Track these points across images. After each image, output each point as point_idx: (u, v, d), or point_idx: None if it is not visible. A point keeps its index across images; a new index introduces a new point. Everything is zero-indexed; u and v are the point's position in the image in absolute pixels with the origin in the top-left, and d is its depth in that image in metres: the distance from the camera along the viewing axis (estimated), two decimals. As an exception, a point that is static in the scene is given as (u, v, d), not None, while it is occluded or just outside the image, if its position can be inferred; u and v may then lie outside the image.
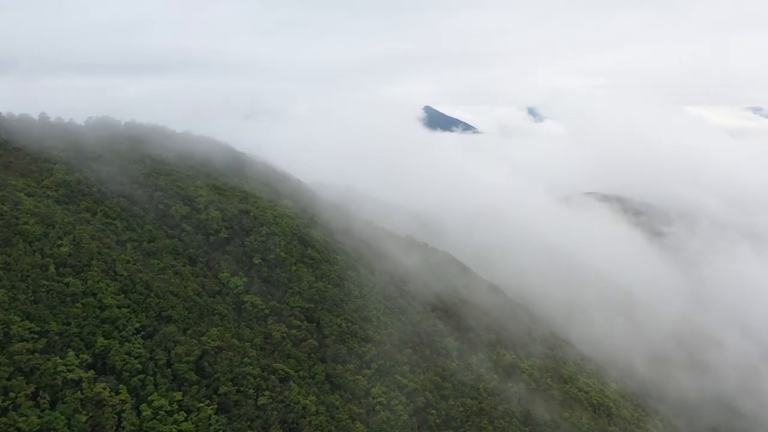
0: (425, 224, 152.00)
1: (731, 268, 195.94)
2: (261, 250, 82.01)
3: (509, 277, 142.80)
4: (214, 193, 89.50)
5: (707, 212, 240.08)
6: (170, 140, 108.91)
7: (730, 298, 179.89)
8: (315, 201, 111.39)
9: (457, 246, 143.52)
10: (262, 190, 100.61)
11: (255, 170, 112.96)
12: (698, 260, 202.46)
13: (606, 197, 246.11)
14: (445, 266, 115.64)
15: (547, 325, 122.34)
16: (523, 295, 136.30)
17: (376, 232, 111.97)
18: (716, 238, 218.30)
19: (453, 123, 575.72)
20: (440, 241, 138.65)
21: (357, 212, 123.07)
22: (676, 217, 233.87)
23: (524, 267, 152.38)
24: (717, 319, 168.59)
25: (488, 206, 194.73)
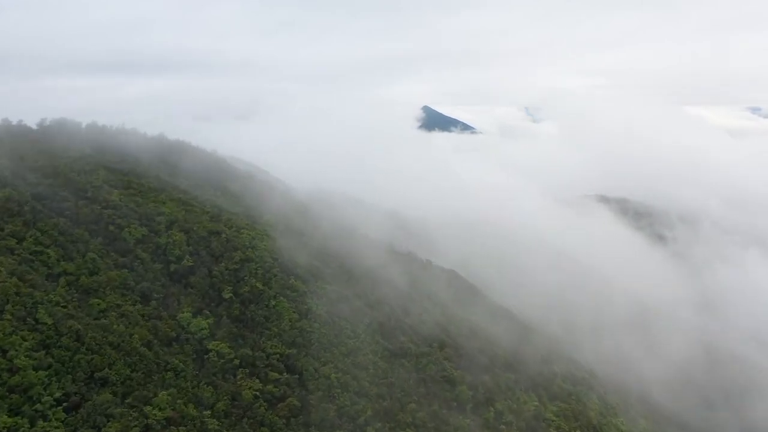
0: (421, 232, 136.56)
1: (739, 275, 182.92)
2: (233, 281, 66.41)
3: (509, 286, 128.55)
4: (181, 209, 73.73)
5: (709, 214, 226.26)
6: (138, 146, 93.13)
7: (743, 308, 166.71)
8: (303, 214, 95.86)
9: (454, 255, 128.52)
10: (240, 204, 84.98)
11: (236, 179, 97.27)
12: (704, 267, 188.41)
13: (606, 199, 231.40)
14: (450, 288, 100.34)
15: (565, 353, 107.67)
16: (528, 307, 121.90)
17: (373, 250, 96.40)
18: (721, 243, 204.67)
19: (452, 123, 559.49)
20: (437, 251, 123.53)
21: (351, 224, 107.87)
22: (678, 219, 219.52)
23: (525, 275, 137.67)
24: (732, 331, 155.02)
25: (485, 210, 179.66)
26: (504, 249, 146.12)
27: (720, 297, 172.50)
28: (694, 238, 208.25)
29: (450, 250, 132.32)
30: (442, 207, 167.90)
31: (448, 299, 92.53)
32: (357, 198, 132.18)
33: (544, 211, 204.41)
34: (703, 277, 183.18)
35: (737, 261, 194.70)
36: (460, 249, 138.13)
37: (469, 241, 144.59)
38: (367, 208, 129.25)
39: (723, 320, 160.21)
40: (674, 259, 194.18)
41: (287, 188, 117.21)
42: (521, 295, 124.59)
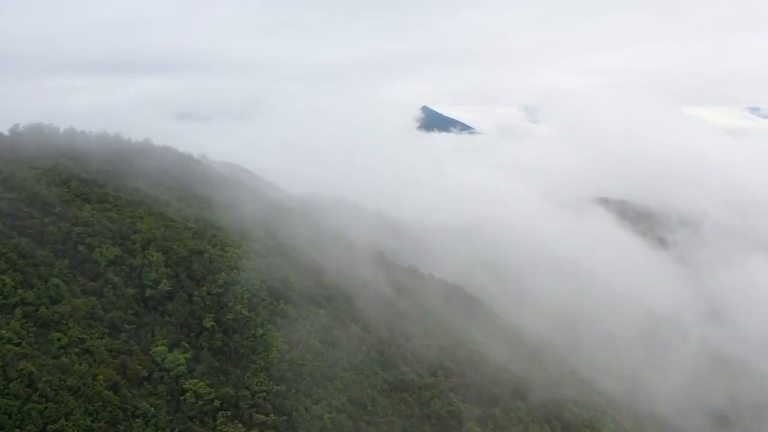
0: (419, 239, 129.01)
1: (743, 280, 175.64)
2: (215, 307, 59.23)
3: (509, 295, 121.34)
4: (160, 225, 66.38)
5: (710, 216, 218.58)
6: (120, 153, 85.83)
7: (750, 316, 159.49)
8: (296, 225, 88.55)
9: (452, 262, 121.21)
10: (227, 217, 77.60)
11: (225, 188, 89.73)
12: (707, 271, 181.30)
13: (606, 201, 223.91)
14: (453, 304, 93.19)
15: (573, 371, 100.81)
16: (530, 318, 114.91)
17: (370, 263, 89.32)
18: (723, 246, 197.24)
19: (451, 123, 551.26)
20: (434, 259, 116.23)
21: (347, 234, 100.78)
22: (679, 222, 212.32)
23: (526, 283, 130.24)
24: (741, 341, 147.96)
25: (484, 214, 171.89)
26: (503, 255, 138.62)
27: (725, 303, 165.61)
28: (696, 241, 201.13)
29: (448, 257, 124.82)
30: (439, 211, 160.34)
31: (451, 318, 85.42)
32: (353, 203, 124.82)
33: (544, 214, 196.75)
34: (706, 282, 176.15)
35: (741, 265, 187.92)
36: (458, 255, 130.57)
37: (467, 247, 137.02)
38: (362, 214, 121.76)
39: (731, 329, 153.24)
40: (676, 263, 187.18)
41: (280, 195, 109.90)
42: (522, 304, 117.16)
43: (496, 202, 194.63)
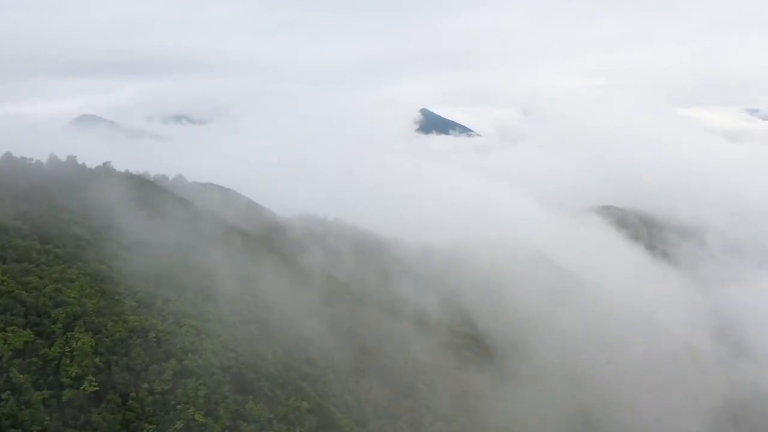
0: (411, 261, 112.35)
1: (750, 296, 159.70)
2: (160, 412, 43.43)
3: (505, 321, 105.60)
4: (96, 291, 50.02)
5: (714, 227, 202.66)
6: (65, 185, 69.52)
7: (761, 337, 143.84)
8: (272, 269, 71.85)
9: (447, 285, 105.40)
10: (192, 268, 61.09)
11: (196, 225, 72.93)
12: (713, 286, 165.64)
13: (604, 209, 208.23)
14: (466, 356, 77.53)
15: (592, 416, 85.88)
16: (536, 351, 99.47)
17: (366, 314, 73.17)
18: (728, 259, 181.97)
19: (450, 126, 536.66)
20: (429, 284, 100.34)
21: (344, 267, 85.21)
22: (680, 232, 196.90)
23: (525, 305, 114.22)
24: (760, 368, 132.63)
25: (478, 228, 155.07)
26: (500, 275, 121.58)
27: (735, 322, 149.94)
28: (701, 254, 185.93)
29: (445, 280, 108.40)
30: (430, 226, 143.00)
31: (470, 382, 69.57)
32: (344, 225, 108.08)
33: (544, 227, 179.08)
34: (713, 299, 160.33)
35: (747, 280, 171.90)
36: (454, 277, 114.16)
37: (462, 267, 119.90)
38: (350, 236, 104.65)
39: (745, 352, 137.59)
40: (681, 277, 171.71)
41: (258, 221, 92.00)
42: (522, 333, 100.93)
43: (491, 216, 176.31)
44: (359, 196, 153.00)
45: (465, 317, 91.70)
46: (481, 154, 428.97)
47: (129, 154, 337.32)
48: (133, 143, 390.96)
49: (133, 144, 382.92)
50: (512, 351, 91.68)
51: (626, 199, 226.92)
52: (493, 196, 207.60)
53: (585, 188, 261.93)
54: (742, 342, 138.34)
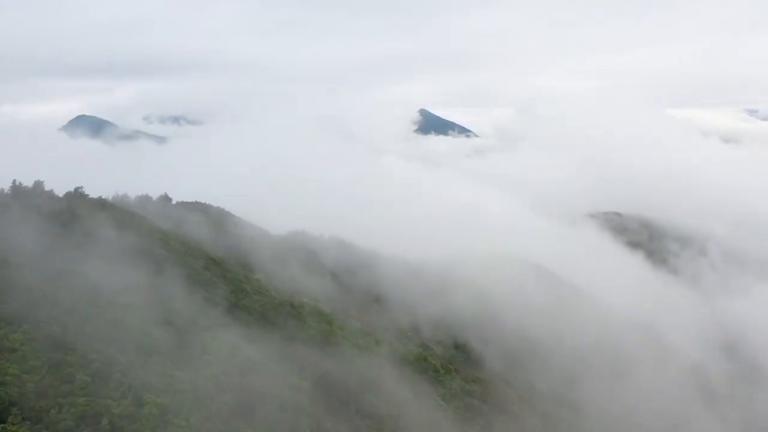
0: (404, 279, 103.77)
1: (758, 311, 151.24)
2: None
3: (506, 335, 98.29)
4: (43, 364, 41.21)
5: (714, 234, 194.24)
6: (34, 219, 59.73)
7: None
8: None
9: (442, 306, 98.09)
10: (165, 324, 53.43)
11: (180, 262, 63.64)
12: (719, 300, 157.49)
13: (602, 216, 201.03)
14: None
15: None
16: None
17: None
18: (731, 270, 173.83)
19: (449, 126, 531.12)
20: (422, 308, 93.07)
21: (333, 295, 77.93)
22: (679, 237, 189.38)
23: (524, 320, 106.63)
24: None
25: (473, 240, 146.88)
26: (495, 291, 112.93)
27: (743, 338, 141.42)
28: (703, 263, 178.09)
29: (435, 300, 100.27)
30: (422, 238, 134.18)
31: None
32: (339, 243, 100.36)
33: (542, 237, 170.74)
34: (718, 312, 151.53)
35: (753, 292, 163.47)
36: (445, 297, 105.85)
37: (455, 284, 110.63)
38: (343, 257, 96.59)
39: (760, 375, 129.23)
40: (685, 289, 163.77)
41: (245, 246, 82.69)
42: (519, 354, 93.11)
43: (488, 226, 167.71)
44: (352, 208, 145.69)
45: (457, 343, 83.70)
46: (479, 155, 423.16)
47: (120, 158, 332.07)
48: (129, 144, 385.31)
49: (127, 145, 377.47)
50: (508, 374, 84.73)
51: (626, 205, 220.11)
52: (490, 204, 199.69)
53: (583, 192, 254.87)
54: (755, 363, 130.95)
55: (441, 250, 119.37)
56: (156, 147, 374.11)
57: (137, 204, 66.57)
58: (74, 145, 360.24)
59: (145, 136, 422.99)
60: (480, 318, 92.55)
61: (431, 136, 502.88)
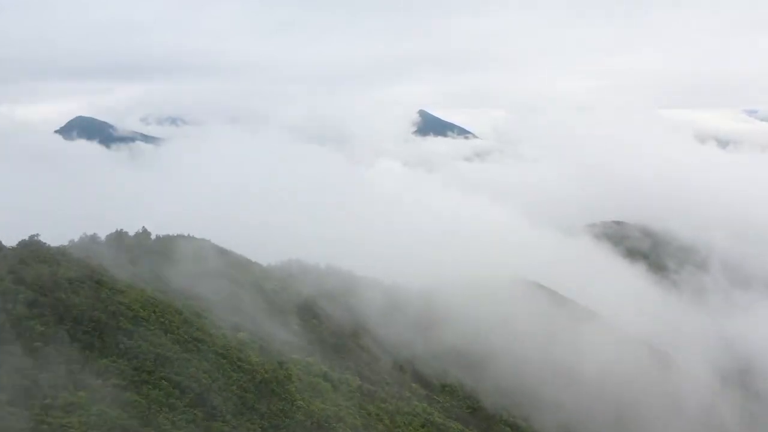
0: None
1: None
2: None
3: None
4: None
5: (715, 246, 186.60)
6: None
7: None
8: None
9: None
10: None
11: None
12: (724, 316, 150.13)
13: (606, 225, 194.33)
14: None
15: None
16: None
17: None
18: (737, 286, 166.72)
19: (448, 127, 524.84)
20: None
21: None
22: (678, 248, 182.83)
23: (522, 346, 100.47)
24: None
25: (469, 254, 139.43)
26: (491, 313, 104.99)
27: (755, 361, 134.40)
28: (708, 279, 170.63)
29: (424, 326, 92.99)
30: (409, 258, 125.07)
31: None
32: (338, 274, 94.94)
33: (540, 251, 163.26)
34: (726, 331, 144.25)
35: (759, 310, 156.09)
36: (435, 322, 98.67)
37: (444, 314, 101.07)
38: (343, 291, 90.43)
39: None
40: (693, 310, 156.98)
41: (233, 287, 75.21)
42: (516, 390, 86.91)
43: (483, 241, 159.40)
44: (335, 225, 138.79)
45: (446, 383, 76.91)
46: (477, 158, 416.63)
47: (113, 161, 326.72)
48: (125, 146, 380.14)
49: (122, 147, 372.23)
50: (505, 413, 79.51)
51: (626, 213, 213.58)
52: (485, 216, 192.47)
53: (581, 200, 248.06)
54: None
55: (430, 271, 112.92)
56: (151, 149, 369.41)
57: (109, 245, 61.77)
58: (69, 146, 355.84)
59: (142, 138, 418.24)
60: (472, 351, 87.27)
61: (430, 137, 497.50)
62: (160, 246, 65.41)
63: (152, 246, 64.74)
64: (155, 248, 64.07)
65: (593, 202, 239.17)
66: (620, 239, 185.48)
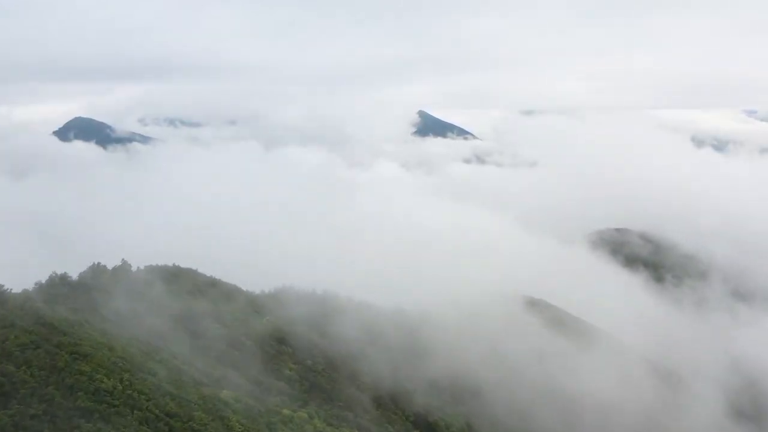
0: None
1: None
2: None
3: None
4: None
5: (717, 255, 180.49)
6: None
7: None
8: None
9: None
10: None
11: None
12: (731, 329, 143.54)
13: (604, 234, 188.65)
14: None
15: None
16: None
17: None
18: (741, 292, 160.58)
19: (448, 128, 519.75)
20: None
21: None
22: (684, 257, 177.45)
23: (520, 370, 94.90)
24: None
25: (463, 269, 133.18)
26: (487, 333, 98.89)
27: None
28: (710, 289, 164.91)
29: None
30: (401, 273, 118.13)
31: None
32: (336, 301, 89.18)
33: (538, 264, 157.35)
34: (733, 345, 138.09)
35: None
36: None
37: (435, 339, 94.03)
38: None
39: None
40: (698, 321, 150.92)
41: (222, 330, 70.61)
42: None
43: (478, 254, 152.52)
44: (320, 242, 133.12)
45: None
46: (475, 160, 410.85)
47: (109, 162, 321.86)
48: (122, 147, 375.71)
49: (119, 148, 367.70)
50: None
51: (626, 218, 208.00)
52: (480, 224, 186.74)
53: (580, 203, 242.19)
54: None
55: (421, 289, 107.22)
56: (147, 150, 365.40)
57: (82, 282, 57.50)
58: (64, 148, 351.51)
59: (140, 138, 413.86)
60: (463, 383, 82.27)
61: (429, 138, 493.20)
62: (139, 283, 61.09)
63: (131, 283, 60.34)
64: (133, 286, 59.70)
65: (592, 206, 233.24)
66: (620, 246, 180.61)
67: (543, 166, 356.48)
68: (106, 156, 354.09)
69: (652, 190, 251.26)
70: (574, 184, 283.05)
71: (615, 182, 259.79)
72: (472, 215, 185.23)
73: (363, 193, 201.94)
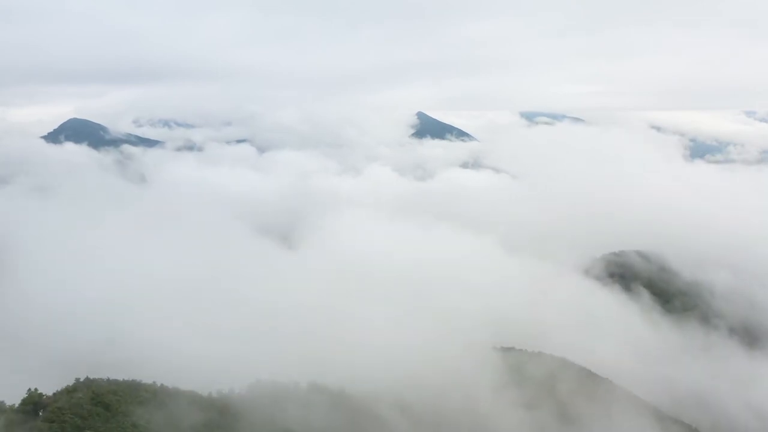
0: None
1: None
2: None
3: None
4: None
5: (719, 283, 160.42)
6: None
7: None
8: None
9: None
10: None
11: None
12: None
13: (606, 259, 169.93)
14: None
15: None
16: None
17: None
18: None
19: (447, 130, 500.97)
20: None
21: None
22: (683, 285, 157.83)
23: None
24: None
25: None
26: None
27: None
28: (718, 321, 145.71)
29: None
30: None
31: None
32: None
33: (534, 299, 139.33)
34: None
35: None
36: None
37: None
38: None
39: None
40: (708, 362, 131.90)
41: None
42: None
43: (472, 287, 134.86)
44: None
45: None
46: (471, 166, 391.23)
47: (99, 165, 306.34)
48: (115, 149, 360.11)
49: (112, 150, 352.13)
50: None
51: (624, 243, 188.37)
52: (459, 250, 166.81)
53: (575, 221, 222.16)
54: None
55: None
56: (140, 153, 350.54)
57: None
58: (54, 151, 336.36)
59: (135, 140, 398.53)
60: None
61: (427, 140, 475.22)
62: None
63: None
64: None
65: (587, 225, 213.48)
66: (618, 271, 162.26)
67: (541, 173, 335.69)
68: (98, 159, 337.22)
69: (650, 202, 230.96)
70: (569, 201, 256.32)
71: (612, 199, 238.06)
72: (449, 240, 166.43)
73: (332, 218, 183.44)
